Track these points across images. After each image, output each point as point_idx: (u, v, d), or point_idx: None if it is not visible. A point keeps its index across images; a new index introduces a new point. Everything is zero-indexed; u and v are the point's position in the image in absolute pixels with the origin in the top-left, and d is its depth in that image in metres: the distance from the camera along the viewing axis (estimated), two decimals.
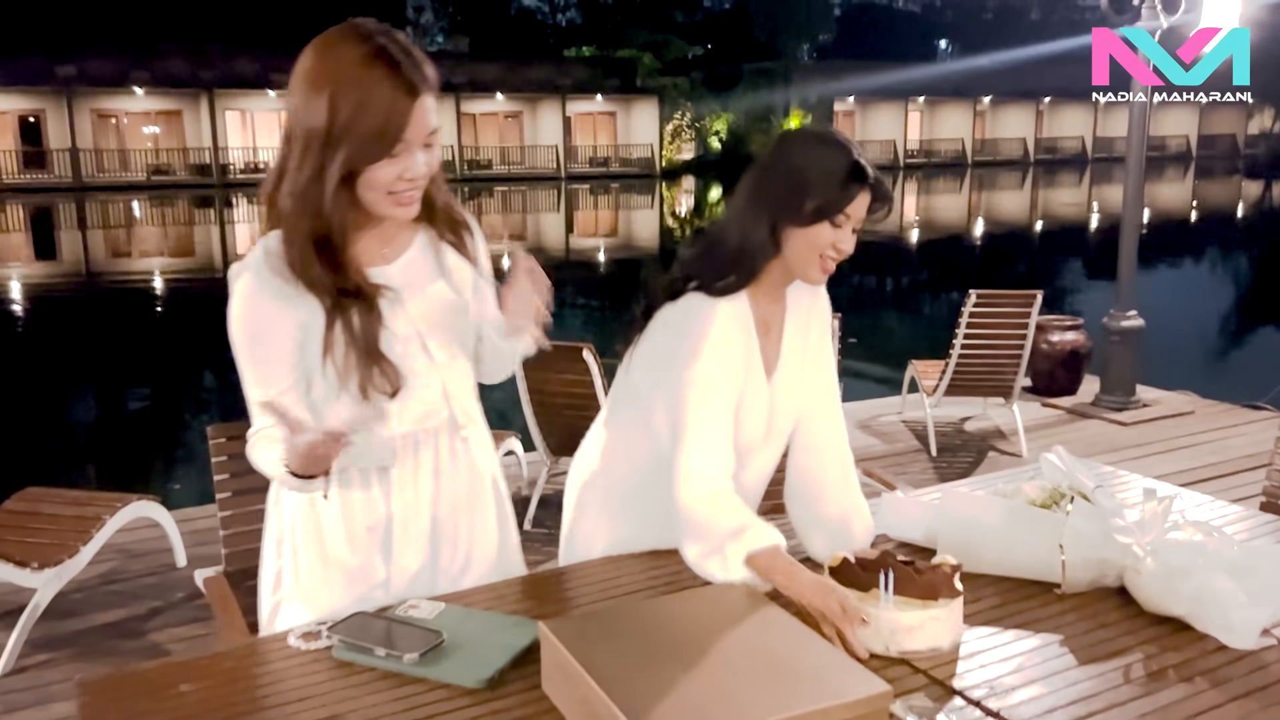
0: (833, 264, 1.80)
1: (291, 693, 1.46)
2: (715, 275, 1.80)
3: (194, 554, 4.01)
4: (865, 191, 1.76)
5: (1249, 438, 5.73)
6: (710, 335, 1.77)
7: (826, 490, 1.95)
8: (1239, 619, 1.56)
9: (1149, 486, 2.01)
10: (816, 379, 1.97)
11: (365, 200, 1.59)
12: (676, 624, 1.47)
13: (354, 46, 1.53)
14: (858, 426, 6.06)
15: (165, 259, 20.11)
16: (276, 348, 1.63)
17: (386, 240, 1.70)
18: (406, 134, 1.54)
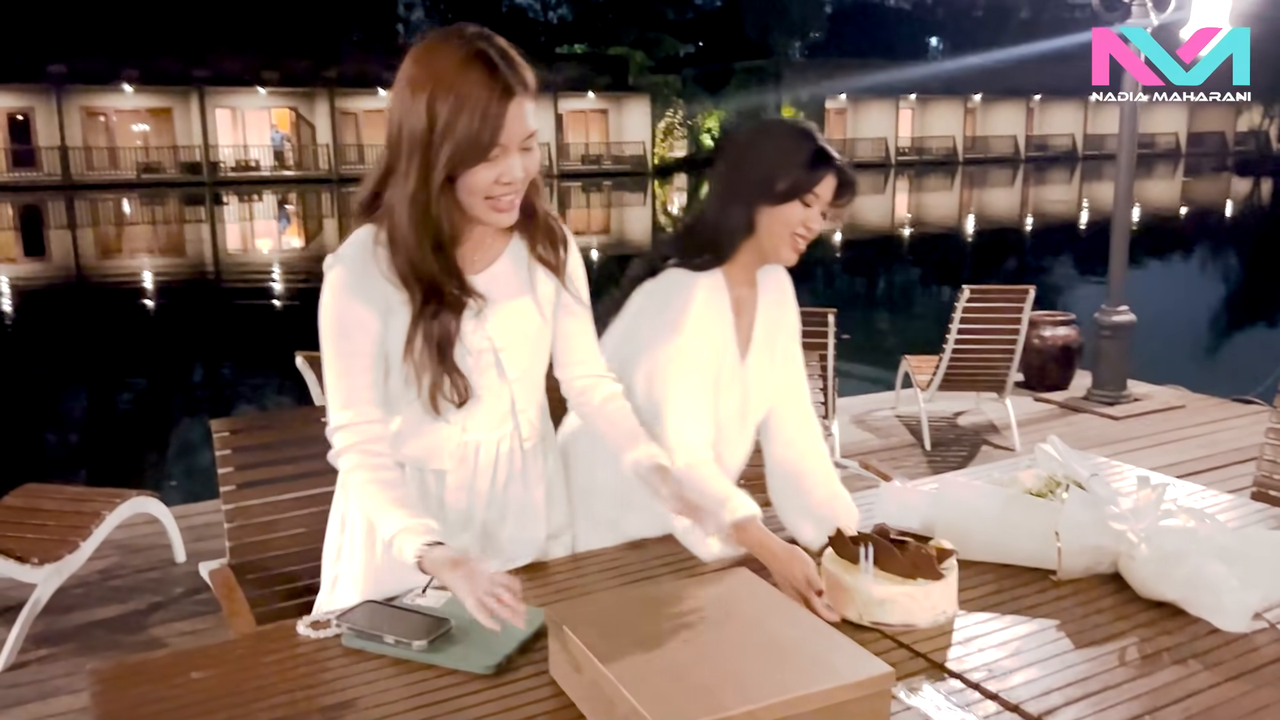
0: (803, 243, 1.90)
1: (301, 679, 1.48)
2: (693, 253, 1.90)
3: (193, 550, 4.02)
4: (831, 173, 1.86)
5: (1238, 431, 5.78)
6: (691, 310, 1.87)
7: (810, 478, 2.03)
8: (1231, 603, 1.59)
9: (1142, 475, 2.04)
10: (788, 376, 2.07)
11: (464, 204, 1.60)
12: (681, 608, 1.49)
13: (453, 49, 1.54)
14: (852, 421, 6.10)
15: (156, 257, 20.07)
16: (363, 340, 1.65)
17: (479, 247, 1.71)
18: (502, 137, 1.54)
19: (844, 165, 1.87)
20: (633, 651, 1.34)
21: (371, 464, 1.65)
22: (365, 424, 1.66)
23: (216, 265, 19.26)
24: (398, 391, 1.70)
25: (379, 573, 1.77)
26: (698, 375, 1.87)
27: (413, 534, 1.56)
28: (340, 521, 1.85)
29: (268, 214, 30.13)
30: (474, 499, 1.78)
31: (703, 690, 1.26)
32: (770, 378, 2.04)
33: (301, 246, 22.43)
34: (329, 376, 1.68)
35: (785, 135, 1.88)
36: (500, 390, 1.74)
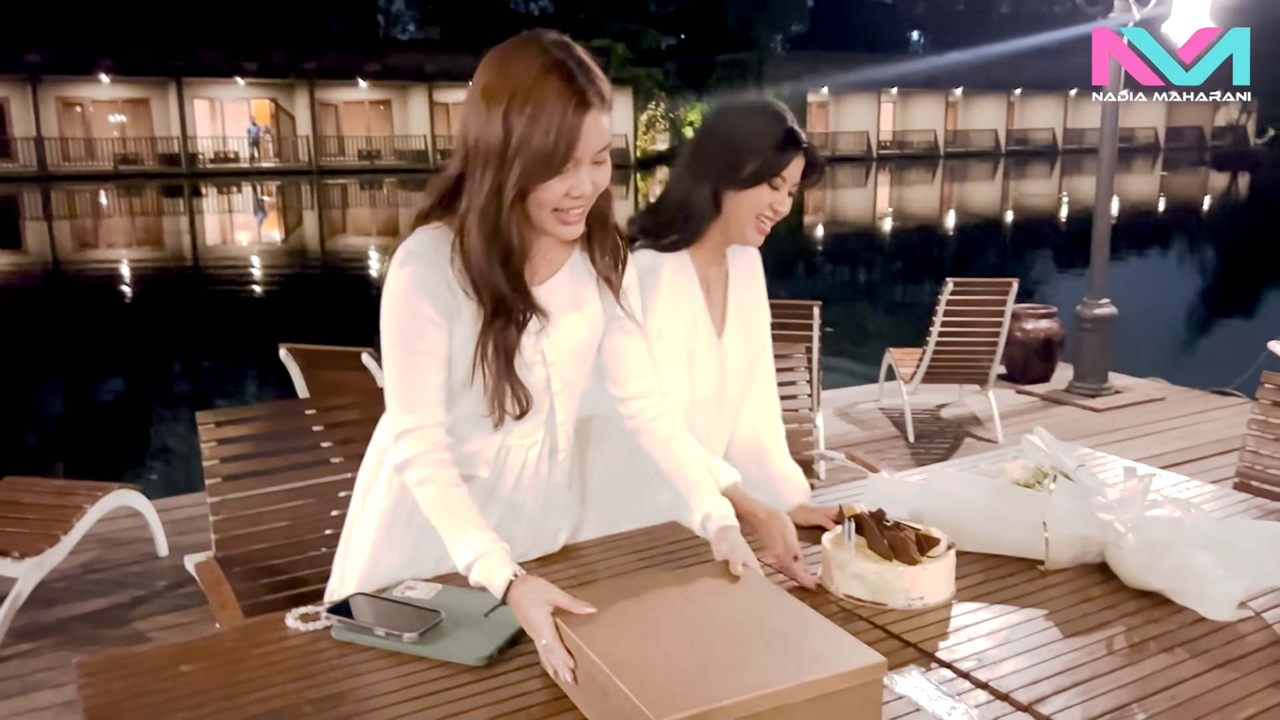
0: (769, 225, 1.92)
1: (291, 672, 1.47)
2: (660, 233, 1.91)
3: (175, 543, 3.99)
4: (799, 156, 1.88)
5: (1219, 423, 5.83)
6: (660, 289, 1.89)
7: (769, 452, 2.10)
8: (1217, 592, 1.60)
9: (1129, 465, 2.06)
10: (759, 336, 2.10)
11: (533, 217, 1.58)
12: (672, 597, 1.49)
13: (530, 58, 1.50)
14: (836, 414, 6.12)
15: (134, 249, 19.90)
16: (436, 340, 1.60)
17: (543, 259, 1.68)
18: (577, 151, 1.51)
19: (812, 146, 1.89)
20: (625, 641, 1.34)
21: (443, 477, 1.59)
22: (431, 428, 1.61)
23: (195, 257, 19.12)
24: (451, 396, 1.67)
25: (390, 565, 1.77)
26: (670, 354, 1.89)
27: (500, 562, 1.51)
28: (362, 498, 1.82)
29: (247, 206, 29.92)
30: (491, 502, 1.75)
31: (696, 680, 1.26)
32: (746, 350, 2.06)
33: (281, 239, 22.29)
34: (393, 376, 1.62)
35: (752, 116, 1.89)
36: (543, 402, 1.72)
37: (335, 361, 3.90)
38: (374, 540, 1.79)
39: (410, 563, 1.76)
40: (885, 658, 1.32)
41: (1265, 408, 2.57)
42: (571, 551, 1.89)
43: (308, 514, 2.32)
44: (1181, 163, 45.85)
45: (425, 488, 1.59)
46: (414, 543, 1.75)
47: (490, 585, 1.50)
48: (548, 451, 1.78)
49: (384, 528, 1.78)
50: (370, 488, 1.81)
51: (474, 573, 1.52)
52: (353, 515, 1.86)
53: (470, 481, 1.73)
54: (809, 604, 1.61)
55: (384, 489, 1.77)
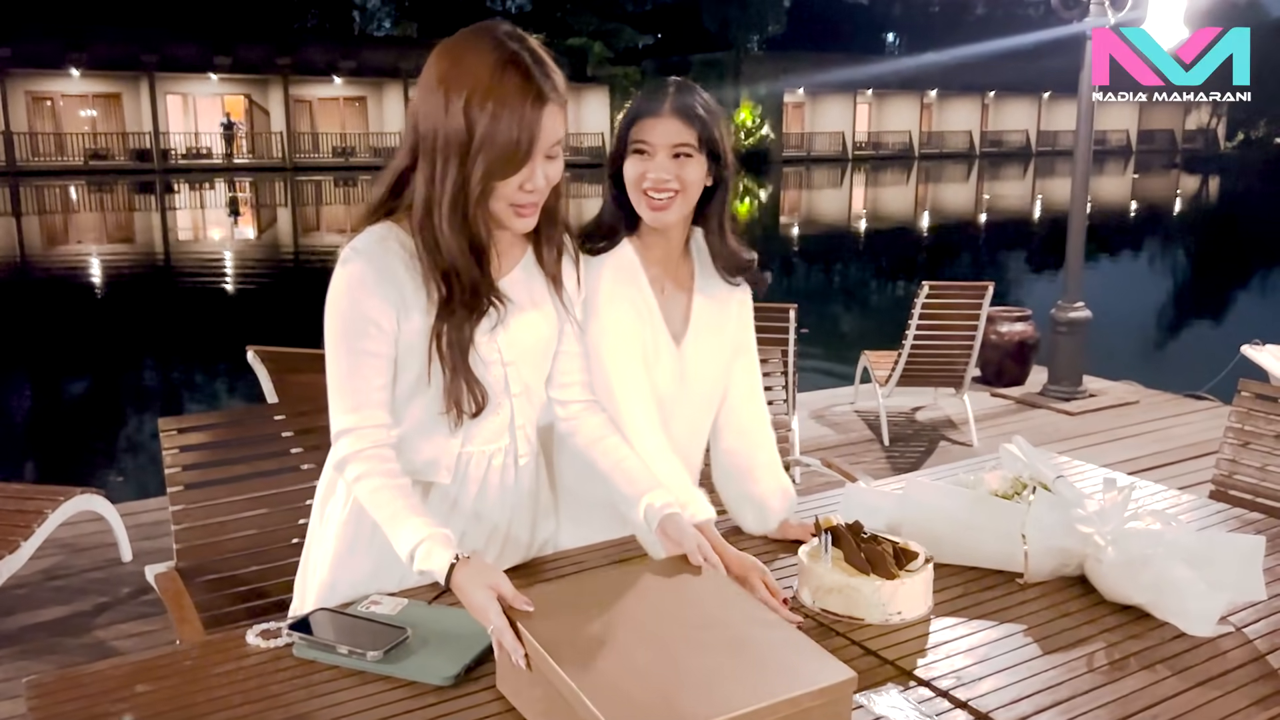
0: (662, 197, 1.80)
1: (251, 693, 1.42)
2: (593, 237, 1.87)
3: (139, 548, 3.92)
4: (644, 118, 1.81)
5: (1192, 427, 5.86)
6: (601, 289, 1.81)
7: (756, 470, 2.01)
8: (1197, 607, 1.58)
9: (1108, 477, 2.04)
10: (741, 370, 2.02)
11: (490, 210, 1.58)
12: (634, 598, 1.45)
13: (486, 51, 1.51)
14: (811, 417, 6.10)
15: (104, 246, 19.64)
16: (379, 340, 1.59)
17: (500, 254, 1.68)
18: (537, 145, 1.52)
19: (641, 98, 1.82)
20: (590, 654, 1.30)
21: (381, 470, 1.58)
22: (373, 428, 1.59)
23: (167, 254, 18.90)
24: (402, 399, 1.65)
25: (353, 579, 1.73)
26: (627, 352, 1.81)
27: (440, 545, 1.49)
28: (324, 526, 1.78)
29: (220, 203, 29.62)
30: (455, 514, 1.72)
31: (666, 699, 1.21)
32: (717, 360, 1.96)
33: (255, 236, 22.09)
34: (335, 376, 1.60)
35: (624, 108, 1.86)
36: (501, 404, 1.70)
37: (305, 364, 3.82)
38: (334, 553, 1.74)
39: (374, 576, 1.71)
40: (857, 673, 1.29)
41: (1241, 415, 2.56)
42: (548, 561, 1.85)
43: (273, 523, 2.26)
44: (1153, 165, 46.35)
45: (364, 482, 1.58)
46: (377, 555, 1.70)
47: (432, 571, 1.49)
48: (512, 459, 1.75)
49: (345, 540, 1.73)
50: (328, 499, 1.77)
51: (416, 560, 1.50)
52: (312, 529, 1.82)
53: (431, 489, 1.70)
54: None
55: (342, 499, 1.73)
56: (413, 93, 1.62)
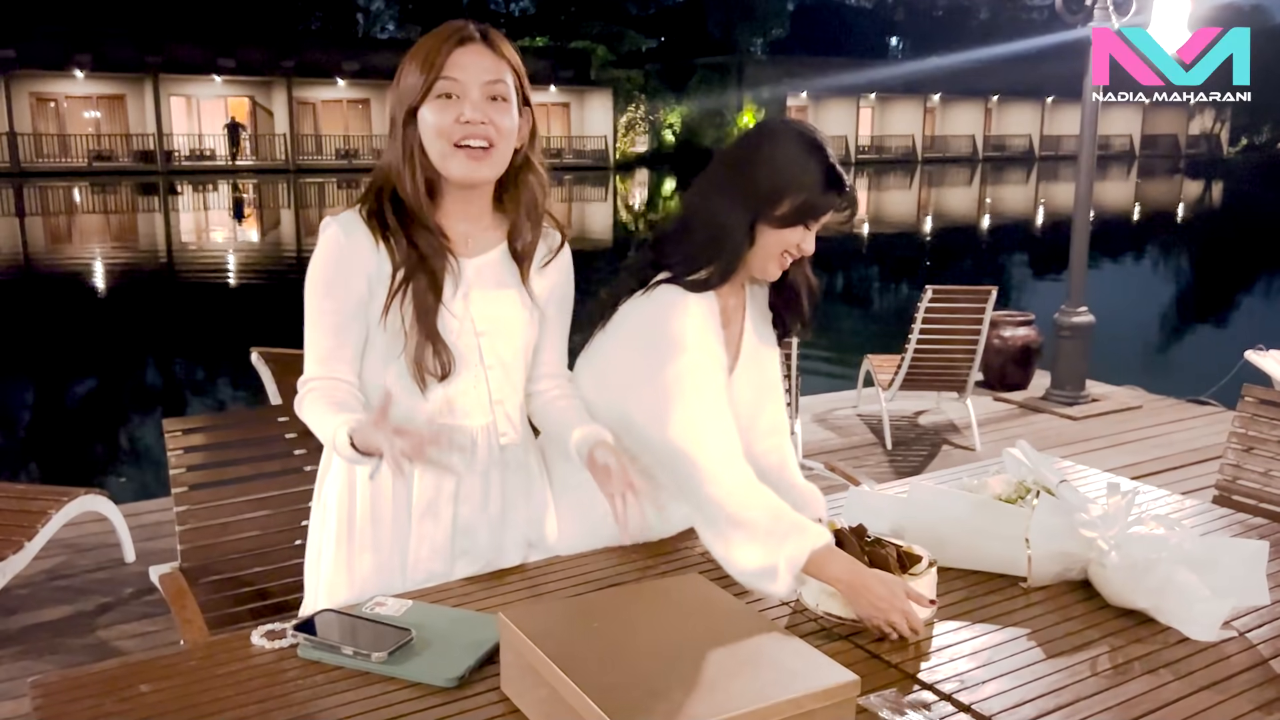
0: (789, 261, 1.82)
1: (255, 693, 1.42)
2: (689, 267, 1.78)
3: (142, 549, 3.92)
4: (841, 200, 1.78)
5: (1195, 432, 5.86)
6: (690, 327, 1.76)
7: (785, 470, 2.02)
8: (1201, 612, 1.58)
9: (1112, 481, 2.04)
10: (770, 376, 2.02)
11: (433, 156, 1.64)
12: (639, 613, 1.45)
13: (439, 30, 1.65)
14: (814, 420, 6.10)
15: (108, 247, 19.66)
16: (348, 300, 1.67)
17: (474, 232, 1.74)
18: (448, 72, 1.61)
19: (852, 187, 1.79)
20: (594, 660, 1.30)
21: (328, 389, 1.66)
22: (337, 380, 1.68)
23: (170, 256, 18.92)
24: (376, 368, 1.70)
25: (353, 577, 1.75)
26: (715, 388, 1.75)
27: (347, 424, 1.56)
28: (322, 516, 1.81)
29: (223, 204, 29.66)
30: (439, 494, 1.75)
31: (670, 701, 1.22)
32: (758, 383, 1.96)
33: (258, 238, 22.11)
34: (309, 332, 1.69)
35: (797, 149, 1.75)
36: (477, 376, 1.73)
37: None
38: (336, 547, 1.76)
39: (381, 569, 1.74)
40: (860, 677, 1.29)
41: (1245, 420, 2.56)
42: (545, 566, 1.85)
43: (277, 524, 2.26)
44: (1156, 170, 46.30)
45: (307, 399, 1.66)
46: (380, 544, 1.74)
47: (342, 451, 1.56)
48: (494, 439, 1.77)
49: (345, 532, 1.75)
50: (327, 493, 1.79)
51: (336, 448, 1.58)
52: (315, 527, 1.83)
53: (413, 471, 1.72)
54: (787, 622, 1.59)
55: (334, 495, 1.76)
56: None
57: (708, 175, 1.82)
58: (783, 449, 2.06)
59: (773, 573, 1.62)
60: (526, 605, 1.68)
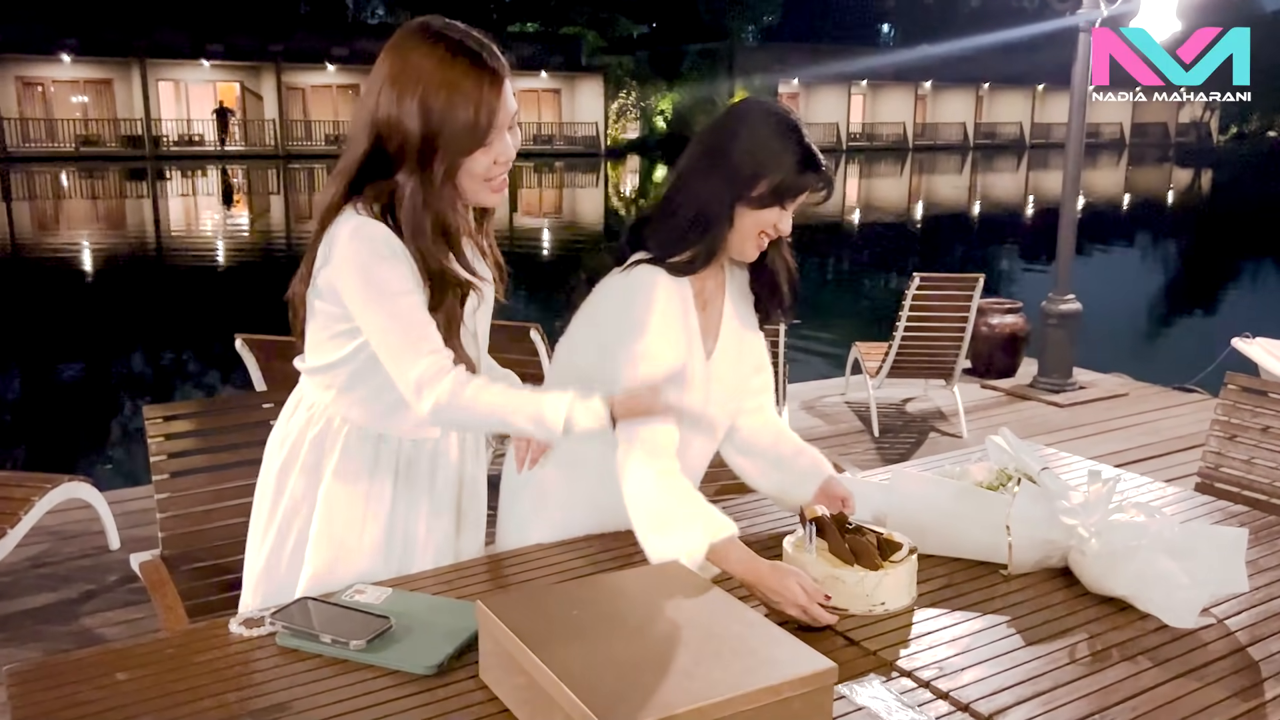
0: (767, 242, 1.82)
1: (234, 681, 1.42)
2: (670, 249, 1.78)
3: (127, 536, 3.91)
4: (816, 179, 1.78)
5: (1180, 419, 5.88)
6: (654, 310, 1.76)
7: (781, 441, 2.03)
8: (1180, 599, 1.59)
9: (1094, 469, 2.04)
10: (755, 351, 2.01)
11: (464, 190, 1.65)
12: (617, 601, 1.46)
13: (430, 45, 1.58)
14: (802, 407, 6.11)
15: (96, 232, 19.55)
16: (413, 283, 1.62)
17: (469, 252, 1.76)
18: (497, 120, 1.60)
19: (827, 165, 1.78)
20: (572, 647, 1.30)
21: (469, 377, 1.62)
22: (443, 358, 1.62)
23: (159, 242, 18.81)
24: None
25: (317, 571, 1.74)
26: (661, 378, 1.75)
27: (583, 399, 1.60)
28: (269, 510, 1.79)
29: (212, 190, 29.49)
30: (438, 469, 1.80)
31: (647, 688, 1.22)
32: (738, 366, 1.96)
33: (247, 224, 22.00)
34: (385, 331, 1.60)
35: (772, 129, 1.74)
36: None
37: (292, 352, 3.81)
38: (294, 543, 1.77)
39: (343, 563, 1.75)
40: (838, 664, 1.29)
41: (1228, 408, 2.57)
42: (525, 555, 1.85)
43: None
44: (1146, 159, 46.38)
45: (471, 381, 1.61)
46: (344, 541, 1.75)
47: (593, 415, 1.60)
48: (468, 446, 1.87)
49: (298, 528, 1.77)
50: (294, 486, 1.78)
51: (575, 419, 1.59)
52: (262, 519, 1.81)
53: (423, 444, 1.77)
54: (767, 610, 1.59)
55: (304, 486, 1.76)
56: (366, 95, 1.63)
57: (686, 158, 1.82)
58: (775, 425, 2.06)
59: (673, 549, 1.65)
60: (505, 593, 1.68)
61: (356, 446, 1.73)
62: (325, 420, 1.75)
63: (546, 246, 17.93)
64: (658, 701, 1.19)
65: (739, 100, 1.89)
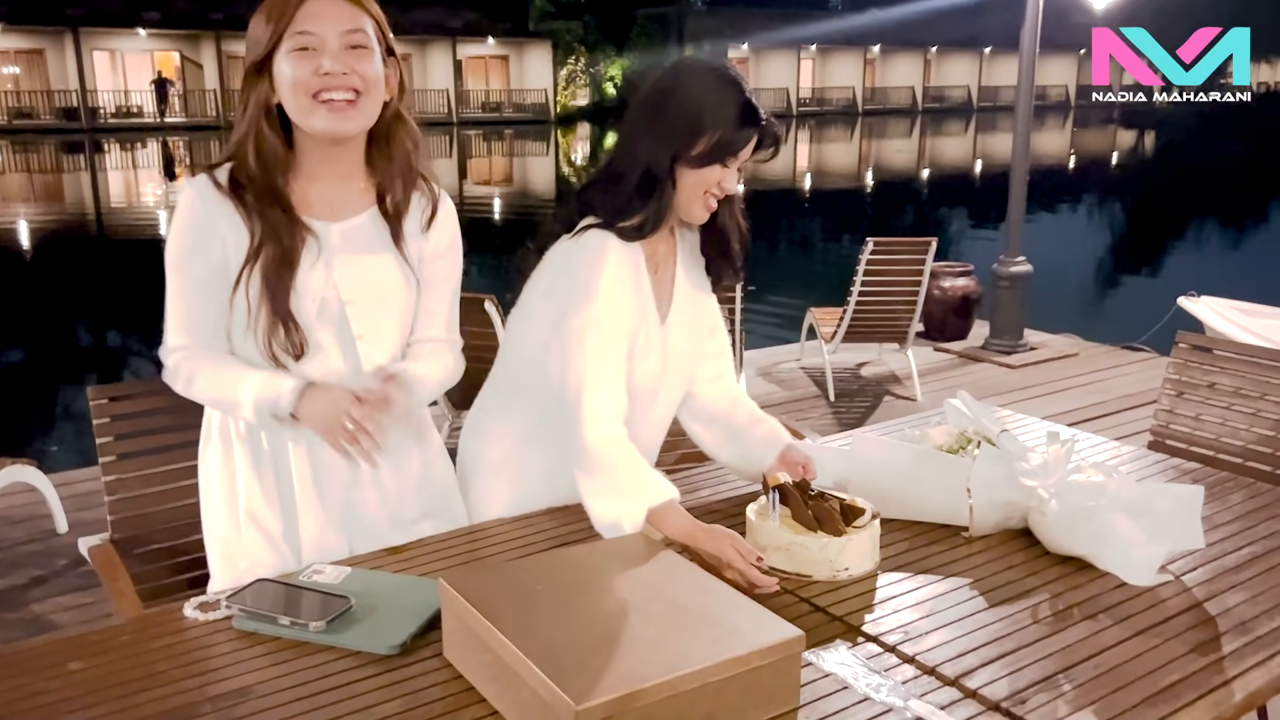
0: (715, 202, 1.79)
1: (190, 668, 1.38)
2: (618, 214, 1.75)
3: (76, 519, 3.83)
4: (756, 133, 1.75)
5: (1130, 378, 5.98)
6: (605, 275, 1.73)
7: (738, 409, 2.00)
8: (1138, 557, 1.61)
9: (1051, 430, 2.06)
10: (708, 315, 1.98)
11: (294, 113, 1.58)
12: (581, 575, 1.44)
13: None
14: (759, 374, 6.12)
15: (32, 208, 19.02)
16: (203, 268, 1.62)
17: (342, 196, 1.67)
18: (302, 23, 1.54)
19: (770, 120, 1.75)
20: (536, 623, 1.29)
21: (212, 358, 1.64)
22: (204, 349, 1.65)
23: (99, 217, 18.36)
24: (239, 338, 1.66)
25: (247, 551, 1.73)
26: (613, 345, 1.74)
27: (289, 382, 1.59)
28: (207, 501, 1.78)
29: (152, 162, 28.81)
30: (318, 465, 1.70)
31: (614, 662, 1.21)
32: (695, 330, 1.94)
33: None
34: (169, 301, 1.66)
35: (710, 84, 1.72)
36: (344, 345, 1.68)
37: None
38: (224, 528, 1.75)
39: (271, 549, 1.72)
40: (805, 632, 1.29)
41: (1179, 366, 2.60)
42: (487, 530, 1.83)
43: None
44: (1091, 120, 46.92)
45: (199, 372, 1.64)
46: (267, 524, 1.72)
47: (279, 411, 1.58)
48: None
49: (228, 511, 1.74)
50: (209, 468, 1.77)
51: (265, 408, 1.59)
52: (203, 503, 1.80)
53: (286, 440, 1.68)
54: None
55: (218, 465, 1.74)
56: None
57: (628, 119, 1.79)
58: (731, 393, 2.03)
59: (619, 527, 1.65)
60: (468, 570, 1.66)
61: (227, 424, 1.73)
62: None
63: (498, 215, 17.78)
64: (625, 675, 1.17)
65: (678, 59, 1.86)
